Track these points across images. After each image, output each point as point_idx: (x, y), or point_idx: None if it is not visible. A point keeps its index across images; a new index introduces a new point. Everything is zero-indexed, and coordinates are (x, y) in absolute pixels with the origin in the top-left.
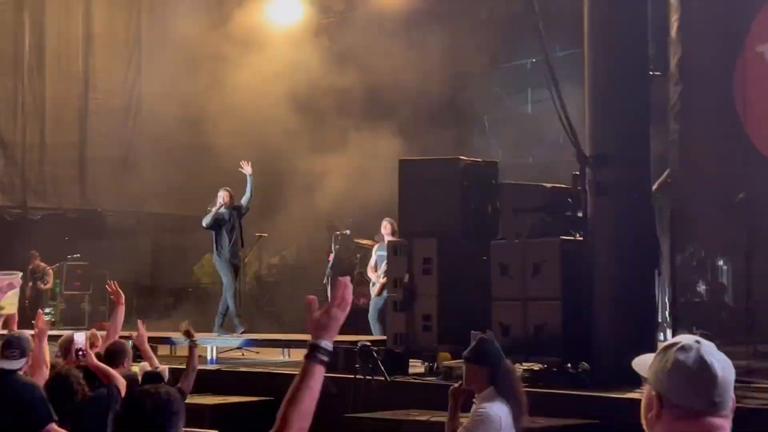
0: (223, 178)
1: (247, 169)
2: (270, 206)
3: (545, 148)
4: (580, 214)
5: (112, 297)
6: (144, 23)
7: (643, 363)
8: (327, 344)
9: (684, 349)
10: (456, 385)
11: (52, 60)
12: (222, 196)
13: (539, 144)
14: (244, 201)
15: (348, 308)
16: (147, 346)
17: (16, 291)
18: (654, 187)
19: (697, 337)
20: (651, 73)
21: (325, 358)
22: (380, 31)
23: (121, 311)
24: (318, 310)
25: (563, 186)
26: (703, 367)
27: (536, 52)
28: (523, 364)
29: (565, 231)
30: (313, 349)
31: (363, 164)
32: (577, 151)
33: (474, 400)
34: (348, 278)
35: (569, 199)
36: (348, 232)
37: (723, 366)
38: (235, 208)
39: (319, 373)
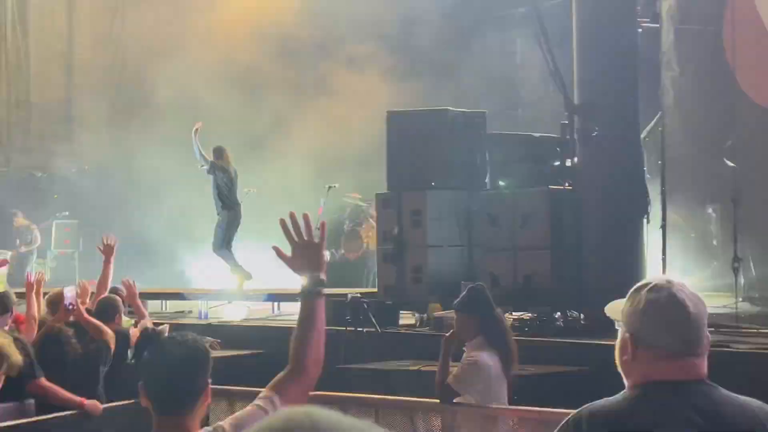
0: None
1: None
2: (258, 160)
3: (533, 97)
4: (568, 164)
5: (102, 251)
6: None
7: (616, 307)
8: (318, 275)
9: (656, 288)
10: (447, 334)
11: (35, 16)
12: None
13: (527, 93)
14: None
15: (317, 239)
16: (138, 302)
17: (5, 269)
18: (642, 134)
19: (668, 277)
20: (639, 21)
21: (322, 290)
22: None
23: (110, 267)
24: (289, 252)
25: (551, 135)
26: (675, 304)
27: (525, 2)
28: (513, 313)
29: (554, 180)
30: (308, 285)
31: (347, 113)
32: (566, 100)
33: (464, 348)
34: (305, 214)
35: (557, 149)
36: (336, 185)
37: (695, 303)
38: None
39: (320, 307)
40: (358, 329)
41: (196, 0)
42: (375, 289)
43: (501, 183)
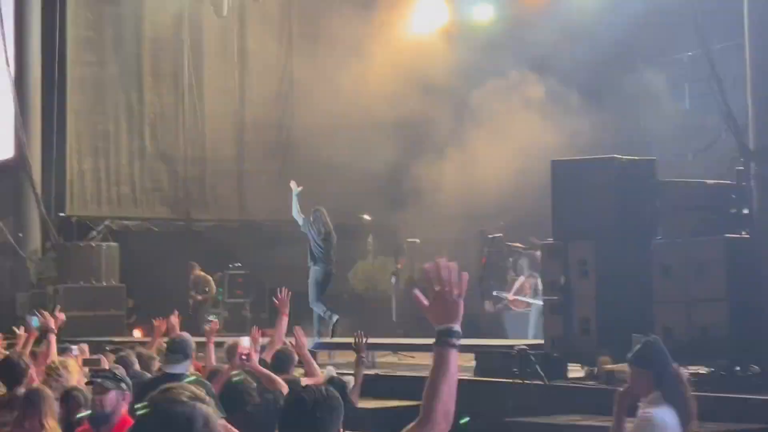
0: (370, 185)
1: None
2: (423, 210)
3: (704, 143)
4: (745, 211)
5: (278, 305)
6: (295, 38)
7: None
8: (452, 326)
9: None
10: (621, 388)
11: (209, 77)
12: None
13: (698, 140)
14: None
15: (458, 290)
16: (306, 352)
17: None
18: None
19: None
20: None
21: (456, 342)
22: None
23: (285, 320)
24: (428, 299)
25: (726, 182)
26: None
27: (693, 46)
28: (689, 367)
29: (730, 229)
30: (441, 335)
31: (513, 161)
32: (740, 145)
33: (639, 404)
34: (450, 262)
35: (733, 195)
36: (500, 235)
37: None
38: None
39: (453, 358)
40: (525, 381)
41: (362, 58)
42: (541, 341)
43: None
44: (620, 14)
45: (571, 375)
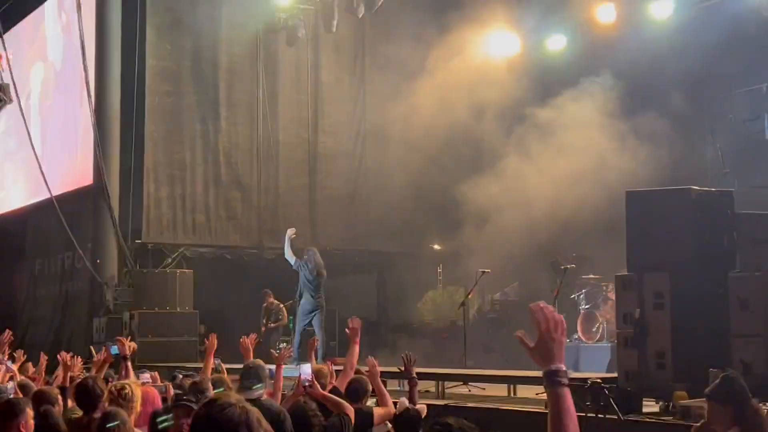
0: (439, 212)
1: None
2: (491, 240)
3: None
4: None
5: (349, 333)
6: (368, 67)
7: None
8: (560, 366)
9: None
10: (698, 424)
11: (283, 107)
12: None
13: None
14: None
15: (560, 327)
16: (379, 382)
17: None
18: None
19: None
20: None
21: (565, 380)
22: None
23: (356, 349)
24: (533, 341)
25: None
26: None
27: None
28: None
29: None
30: (550, 375)
31: (585, 191)
32: None
33: None
34: (541, 303)
35: None
36: (573, 266)
37: None
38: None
39: (567, 396)
40: (599, 416)
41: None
42: (615, 374)
43: None
44: (697, 43)
45: (645, 410)
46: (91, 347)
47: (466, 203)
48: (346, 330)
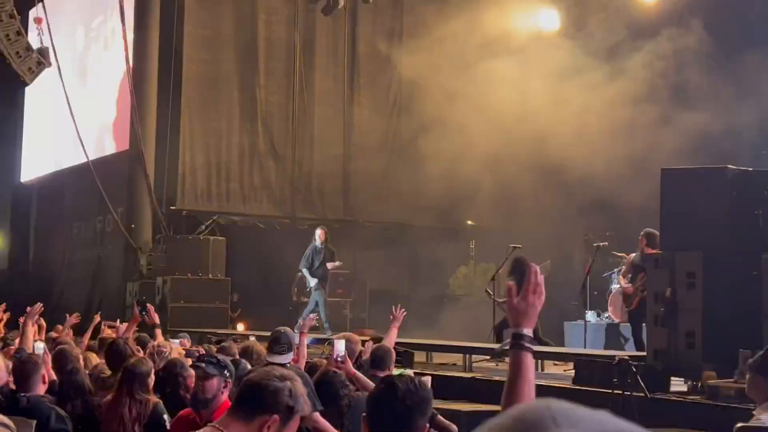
0: (471, 188)
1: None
2: (525, 214)
3: None
4: None
5: (392, 318)
6: (405, 38)
7: None
8: (527, 331)
9: None
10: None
11: (320, 78)
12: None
13: None
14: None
15: (542, 295)
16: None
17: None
18: None
19: None
20: None
21: (530, 345)
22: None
23: (395, 332)
24: (516, 297)
25: None
26: None
27: None
28: None
29: None
30: (516, 338)
31: (620, 169)
32: None
33: (753, 411)
34: (538, 266)
35: None
36: (606, 244)
37: None
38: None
39: (528, 361)
40: (626, 393)
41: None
42: (644, 353)
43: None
44: None
45: (673, 389)
46: (134, 302)
47: (498, 178)
48: (390, 316)
